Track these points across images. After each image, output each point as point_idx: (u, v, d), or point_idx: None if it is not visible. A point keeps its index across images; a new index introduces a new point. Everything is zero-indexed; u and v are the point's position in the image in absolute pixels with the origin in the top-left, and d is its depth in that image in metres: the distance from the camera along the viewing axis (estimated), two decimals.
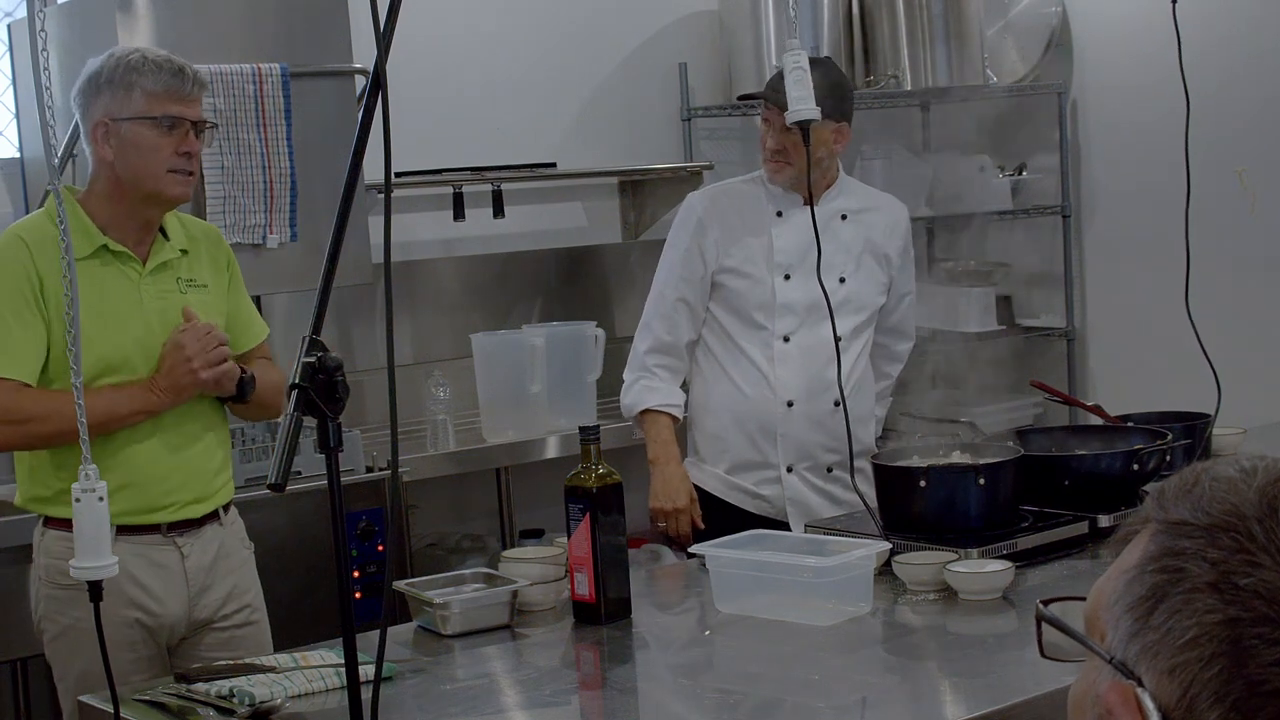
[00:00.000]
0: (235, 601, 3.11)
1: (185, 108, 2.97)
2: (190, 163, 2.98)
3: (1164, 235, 4.61)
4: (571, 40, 5.41)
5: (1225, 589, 0.92)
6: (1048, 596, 1.06)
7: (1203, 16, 4.74)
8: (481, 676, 2.60)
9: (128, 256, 3.00)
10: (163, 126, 2.95)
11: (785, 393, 3.66)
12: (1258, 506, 0.95)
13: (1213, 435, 3.56)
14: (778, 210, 3.69)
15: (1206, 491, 0.97)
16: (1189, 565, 0.94)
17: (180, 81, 2.96)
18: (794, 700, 2.47)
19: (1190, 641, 0.92)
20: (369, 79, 1.96)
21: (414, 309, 5.03)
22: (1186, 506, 0.97)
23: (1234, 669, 0.91)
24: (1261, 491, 0.95)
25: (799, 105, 2.97)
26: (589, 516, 2.74)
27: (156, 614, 3.02)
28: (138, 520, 2.97)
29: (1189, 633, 0.92)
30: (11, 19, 4.53)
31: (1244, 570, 0.92)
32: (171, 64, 2.97)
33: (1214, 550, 0.94)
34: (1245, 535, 0.93)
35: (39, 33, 2.07)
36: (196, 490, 3.05)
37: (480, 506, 5.01)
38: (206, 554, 3.07)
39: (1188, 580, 0.94)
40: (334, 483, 1.90)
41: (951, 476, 3.06)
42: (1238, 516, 0.94)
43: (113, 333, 2.94)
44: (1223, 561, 0.93)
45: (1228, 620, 0.91)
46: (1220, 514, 0.95)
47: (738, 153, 5.84)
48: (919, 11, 5.31)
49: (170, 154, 2.95)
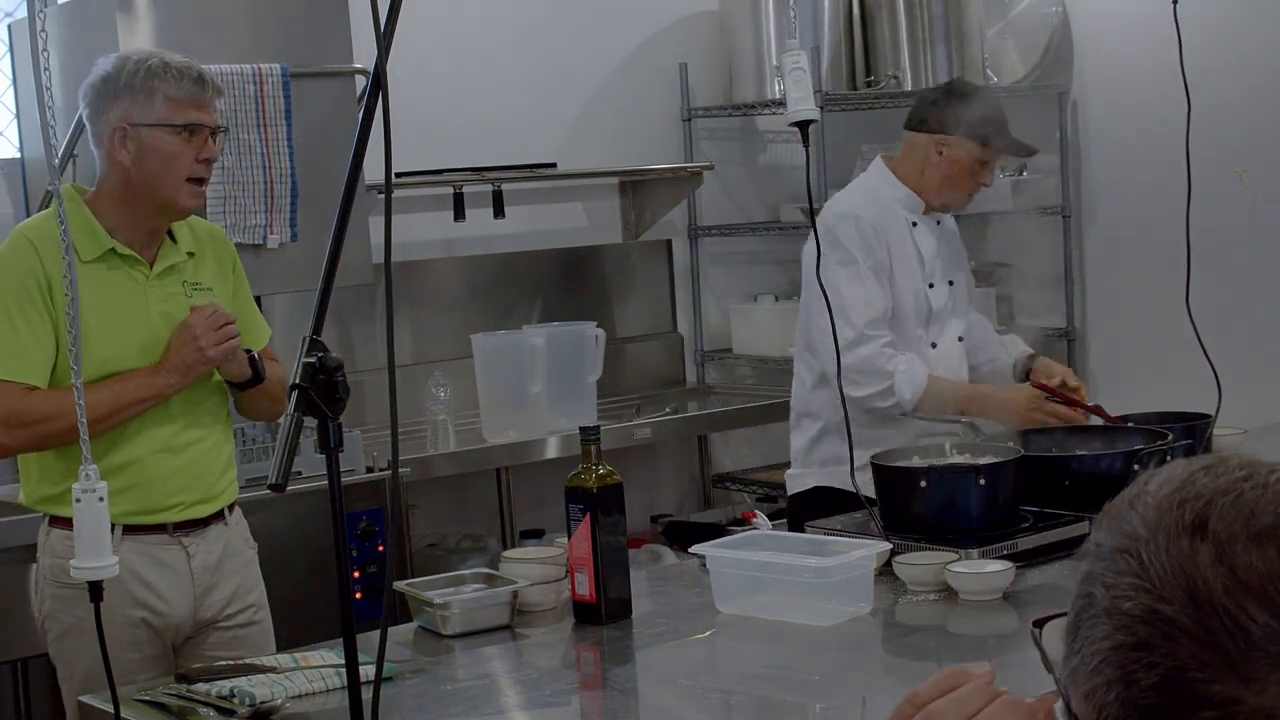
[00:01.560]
0: (240, 601, 3.12)
1: (204, 114, 2.97)
2: (208, 170, 2.99)
3: (1164, 235, 4.60)
4: (571, 40, 5.41)
5: (1115, 615, 0.94)
6: (1040, 616, 1.07)
7: (1203, 16, 4.73)
8: (482, 677, 2.61)
9: (135, 260, 3.00)
10: (184, 133, 2.94)
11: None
12: (1151, 526, 0.95)
13: (1213, 435, 3.56)
14: (912, 220, 3.73)
15: (1125, 510, 0.98)
16: (1094, 590, 0.96)
17: (202, 89, 2.96)
18: (794, 700, 2.47)
19: (1094, 669, 0.95)
20: (369, 79, 1.96)
21: (414, 309, 5.03)
22: (1105, 528, 0.98)
23: (1125, 693, 0.92)
24: (1159, 509, 0.96)
25: (798, 106, 2.97)
26: (589, 517, 2.74)
27: (162, 613, 3.02)
28: (144, 520, 2.98)
29: (1094, 659, 0.95)
30: (11, 19, 4.53)
31: (1128, 594, 0.93)
32: (191, 70, 2.97)
33: (1110, 575, 0.95)
34: (1136, 558, 0.94)
35: (39, 33, 2.07)
36: (201, 491, 3.05)
37: (480, 507, 5.01)
38: (212, 554, 3.08)
39: (1094, 606, 0.96)
40: (334, 483, 1.90)
41: (952, 477, 3.06)
42: (1133, 539, 0.95)
43: (117, 336, 2.94)
44: (1114, 586, 0.94)
45: (1115, 646, 0.93)
46: (1121, 536, 0.96)
47: (738, 153, 5.85)
48: (919, 12, 5.31)
49: (190, 161, 2.95)
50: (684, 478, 5.68)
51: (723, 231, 5.72)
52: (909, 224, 3.72)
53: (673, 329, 5.70)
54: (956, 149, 3.65)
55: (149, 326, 2.99)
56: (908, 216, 3.72)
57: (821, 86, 5.19)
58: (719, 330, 5.76)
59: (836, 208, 3.75)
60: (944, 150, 3.66)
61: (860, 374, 3.54)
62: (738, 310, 5.71)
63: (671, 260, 5.67)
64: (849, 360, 3.43)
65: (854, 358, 3.50)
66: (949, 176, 3.68)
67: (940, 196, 3.72)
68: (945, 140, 3.65)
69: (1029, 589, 2.84)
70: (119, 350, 2.94)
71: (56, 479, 2.97)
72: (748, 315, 5.67)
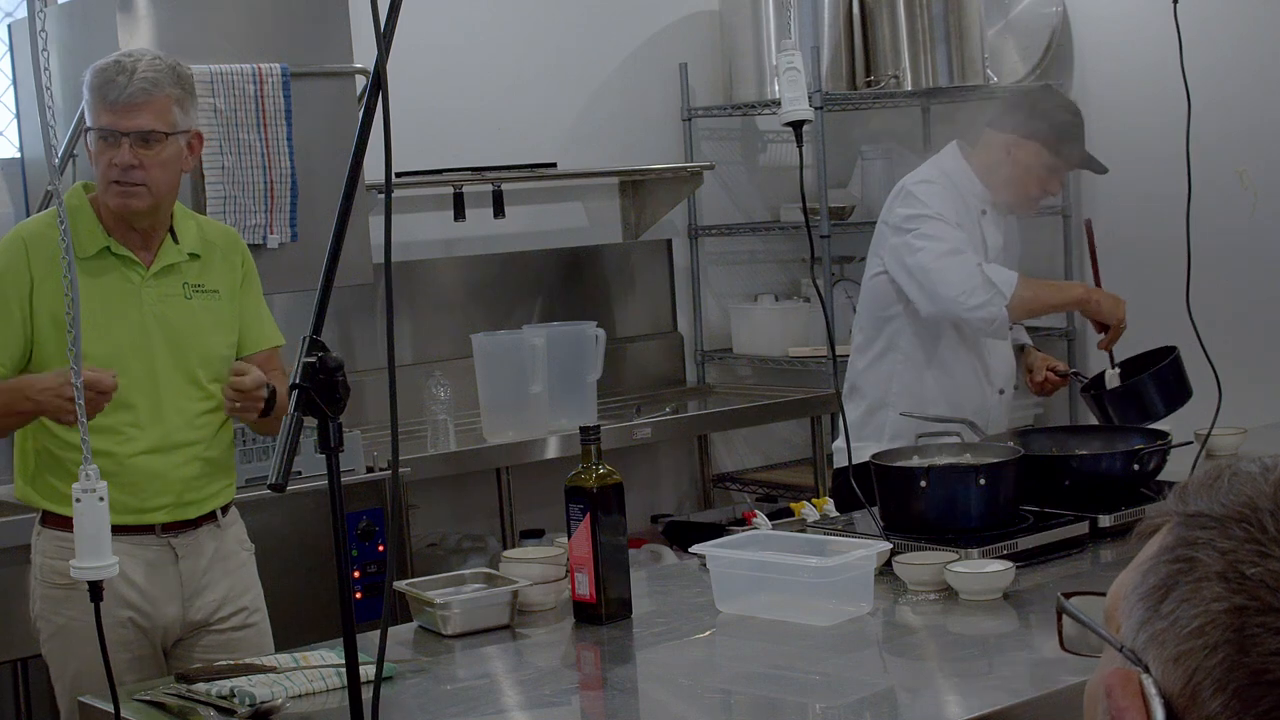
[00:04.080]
0: (233, 604, 3.11)
1: (121, 119, 2.91)
2: (127, 174, 2.92)
3: (1164, 235, 4.61)
4: (572, 40, 5.42)
5: (1233, 578, 0.92)
6: (1069, 590, 1.06)
7: (1203, 16, 4.73)
8: (482, 677, 2.60)
9: (131, 260, 3.00)
10: (101, 137, 2.93)
11: (999, 381, 3.79)
12: (1271, 499, 0.95)
13: (1213, 435, 3.56)
14: (982, 209, 3.75)
15: (1225, 485, 0.97)
16: (1200, 555, 0.94)
17: (109, 90, 2.90)
18: (794, 700, 2.47)
19: (1196, 630, 0.92)
20: (369, 79, 1.96)
21: (414, 309, 5.03)
22: (1204, 499, 0.97)
23: (1237, 657, 0.90)
24: (1277, 485, 0.95)
25: (792, 106, 2.97)
26: (589, 516, 2.74)
27: (149, 614, 3.01)
28: (130, 521, 2.97)
29: (1195, 621, 0.92)
30: (12, 19, 4.53)
31: (1252, 560, 0.92)
32: (106, 72, 2.92)
33: (1225, 540, 0.94)
34: (1257, 527, 0.93)
35: (39, 33, 2.07)
36: (178, 495, 3.03)
37: (480, 506, 5.01)
38: (202, 556, 3.07)
39: (1198, 569, 0.94)
40: (334, 483, 1.90)
41: (952, 476, 3.06)
42: (1251, 508, 0.94)
43: (103, 334, 2.94)
44: (1232, 551, 0.93)
45: (1233, 609, 0.91)
46: (1235, 506, 0.95)
47: (738, 153, 5.85)
48: (919, 11, 5.31)
49: (106, 165, 2.92)
50: (684, 478, 5.68)
51: (723, 231, 5.72)
52: (979, 212, 3.74)
53: (673, 329, 5.70)
54: (1025, 153, 3.67)
55: (140, 326, 2.99)
56: (978, 205, 3.74)
57: (821, 86, 5.20)
58: (719, 330, 5.76)
59: (916, 177, 3.77)
60: (1013, 152, 3.69)
61: (954, 275, 3.57)
62: (738, 310, 5.71)
63: (672, 260, 5.67)
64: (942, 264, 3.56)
65: (946, 262, 3.57)
66: (1015, 179, 3.70)
67: (1005, 197, 3.74)
68: (1017, 143, 3.68)
69: (1029, 589, 2.84)
70: (107, 349, 2.94)
71: (44, 476, 2.98)
72: (748, 315, 5.67)
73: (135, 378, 2.97)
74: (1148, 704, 0.93)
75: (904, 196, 3.70)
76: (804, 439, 5.58)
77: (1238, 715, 0.90)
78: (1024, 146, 3.67)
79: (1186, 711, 0.92)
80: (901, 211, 3.67)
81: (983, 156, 3.75)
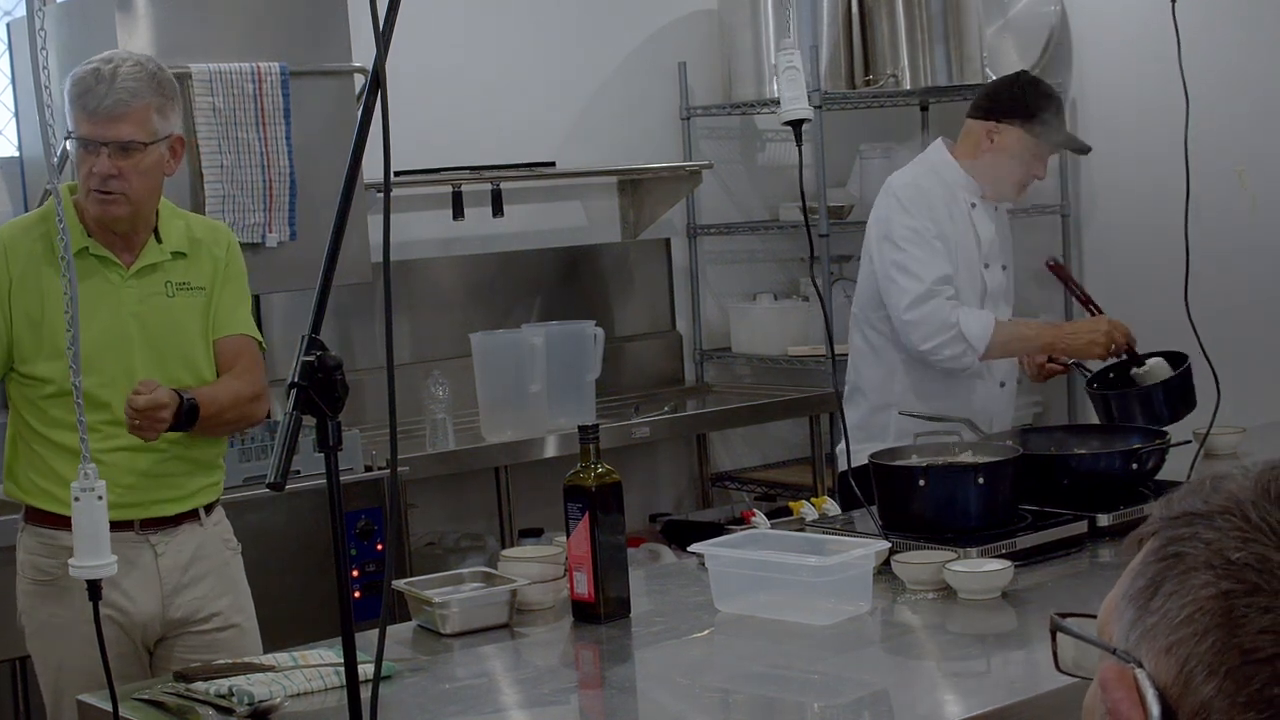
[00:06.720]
0: (214, 604, 3.09)
1: (96, 128, 2.89)
2: (107, 184, 2.90)
3: (1164, 235, 4.61)
4: (571, 40, 5.42)
5: (1219, 565, 0.93)
6: (1061, 610, 1.07)
7: (1202, 16, 4.73)
8: (481, 676, 2.60)
9: (110, 261, 2.99)
10: (81, 147, 2.92)
11: (1000, 375, 3.79)
12: (1253, 491, 0.96)
13: (1211, 434, 3.56)
14: (971, 202, 3.76)
15: (1209, 488, 0.99)
16: (1186, 549, 0.96)
17: (88, 99, 2.89)
18: (793, 699, 2.47)
19: (1185, 619, 0.93)
20: (368, 78, 1.96)
21: (413, 308, 5.03)
22: (1189, 502, 0.98)
23: (1227, 639, 0.91)
24: (1257, 479, 0.97)
25: (791, 105, 2.97)
26: (588, 516, 2.74)
27: (127, 611, 3.00)
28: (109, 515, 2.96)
29: (1184, 610, 0.93)
30: (11, 18, 4.53)
31: (1236, 546, 0.93)
32: (85, 81, 2.90)
33: (1210, 532, 0.95)
34: (1240, 517, 0.95)
35: (38, 32, 2.07)
36: (152, 493, 3.02)
37: (479, 506, 5.01)
38: (182, 553, 3.05)
39: (1185, 562, 0.95)
40: (333, 482, 1.90)
41: (951, 476, 3.06)
42: (1234, 502, 0.96)
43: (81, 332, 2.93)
44: (1217, 540, 0.94)
45: (1220, 594, 0.92)
46: (1219, 502, 0.97)
47: (737, 152, 5.85)
48: (918, 11, 5.31)
49: (87, 172, 2.92)
50: (683, 477, 5.68)
51: (721, 230, 5.72)
52: (968, 205, 3.74)
53: (671, 328, 5.70)
54: (1006, 137, 3.68)
55: (118, 326, 2.98)
56: (967, 198, 3.74)
57: (820, 85, 5.20)
58: (718, 329, 5.76)
59: (901, 179, 3.78)
60: (994, 138, 3.69)
61: (926, 327, 3.58)
62: (736, 309, 5.71)
63: (670, 259, 5.67)
64: (914, 315, 3.56)
65: (919, 312, 3.58)
66: (999, 165, 3.70)
67: (993, 185, 3.74)
68: (996, 128, 3.68)
69: (1028, 588, 2.84)
70: (81, 347, 2.93)
71: (26, 472, 2.98)
72: (746, 314, 5.67)
73: (110, 376, 2.96)
74: (1142, 697, 0.93)
75: (888, 199, 3.71)
76: (803, 438, 5.58)
77: (1231, 697, 0.90)
78: (1004, 131, 3.68)
79: (1181, 700, 0.92)
80: (884, 217, 3.68)
81: (966, 147, 3.75)
